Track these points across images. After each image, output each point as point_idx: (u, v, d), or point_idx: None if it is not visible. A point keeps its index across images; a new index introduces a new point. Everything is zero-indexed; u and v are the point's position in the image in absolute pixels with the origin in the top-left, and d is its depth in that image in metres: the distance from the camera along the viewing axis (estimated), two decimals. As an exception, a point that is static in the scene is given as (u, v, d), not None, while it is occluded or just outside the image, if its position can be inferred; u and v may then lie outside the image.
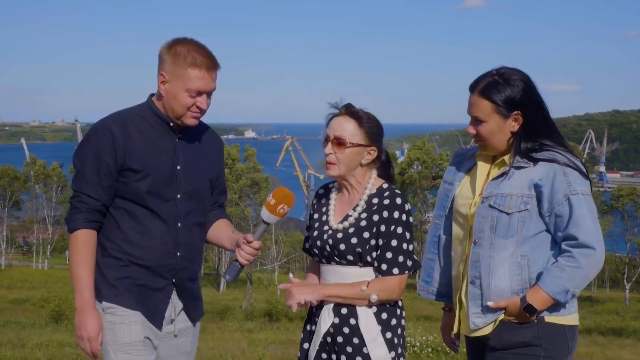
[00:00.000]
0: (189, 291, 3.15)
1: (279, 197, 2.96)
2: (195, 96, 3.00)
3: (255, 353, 12.01)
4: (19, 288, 40.96)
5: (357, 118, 3.10)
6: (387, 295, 3.05)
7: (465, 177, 3.21)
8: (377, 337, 3.04)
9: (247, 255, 3.00)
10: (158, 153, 3.03)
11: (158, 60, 3.03)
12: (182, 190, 3.06)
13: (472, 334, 3.09)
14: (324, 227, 3.16)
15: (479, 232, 3.02)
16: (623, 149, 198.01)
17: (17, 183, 60.06)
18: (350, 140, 3.08)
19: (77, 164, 3.03)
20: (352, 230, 3.08)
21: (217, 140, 3.29)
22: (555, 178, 2.95)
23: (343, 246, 3.06)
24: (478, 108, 3.03)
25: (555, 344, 2.99)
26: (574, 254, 2.91)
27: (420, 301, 34.73)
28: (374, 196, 3.12)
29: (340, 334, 3.06)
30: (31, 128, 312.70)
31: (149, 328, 3.03)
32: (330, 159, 3.10)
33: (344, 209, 3.17)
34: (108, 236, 3.03)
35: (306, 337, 3.20)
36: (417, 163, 56.45)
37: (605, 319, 34.11)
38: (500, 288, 2.99)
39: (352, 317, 3.05)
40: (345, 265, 3.08)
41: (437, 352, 11.89)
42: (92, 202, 2.98)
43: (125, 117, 3.05)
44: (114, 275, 3.01)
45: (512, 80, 3.01)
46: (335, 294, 3.05)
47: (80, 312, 2.96)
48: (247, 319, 28.21)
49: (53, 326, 20.52)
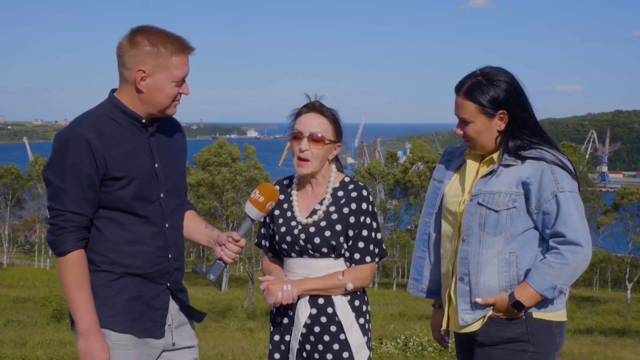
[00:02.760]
0: (182, 293, 3.04)
1: (267, 194, 2.96)
2: (181, 84, 2.88)
3: (257, 352, 12.01)
4: (21, 287, 40.98)
5: (327, 115, 3.21)
6: (361, 283, 3.19)
7: (455, 174, 3.24)
8: (352, 323, 3.16)
9: (232, 254, 2.93)
10: (135, 155, 2.86)
11: (123, 56, 2.82)
12: (164, 188, 2.93)
13: (461, 330, 3.13)
14: (291, 222, 3.22)
15: (468, 230, 3.06)
16: (625, 149, 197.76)
17: (20, 182, 60.11)
18: (327, 137, 3.18)
19: (54, 180, 2.76)
20: (323, 224, 3.17)
21: (180, 128, 3.13)
22: (543, 176, 2.98)
23: (317, 239, 3.15)
24: (464, 109, 3.07)
25: (543, 340, 3.03)
26: (562, 251, 2.95)
27: (422, 301, 34.68)
28: (339, 189, 3.23)
29: (318, 324, 3.16)
30: (34, 127, 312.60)
31: (144, 350, 2.89)
32: (306, 155, 3.17)
33: (308, 203, 3.25)
34: (95, 249, 2.84)
35: (277, 330, 3.26)
36: (419, 163, 56.41)
37: (606, 319, 34.07)
38: (489, 285, 3.03)
39: (329, 306, 3.16)
40: (318, 257, 3.17)
41: (438, 351, 11.89)
42: (79, 219, 2.77)
43: (97, 122, 2.83)
44: (107, 293, 2.84)
45: (496, 81, 3.04)
46: (314, 287, 3.15)
47: (86, 336, 2.77)
48: (249, 318, 28.25)
49: (54, 325, 20.54)
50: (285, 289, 3.12)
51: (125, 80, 2.87)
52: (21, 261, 61.04)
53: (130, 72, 2.83)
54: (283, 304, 3.14)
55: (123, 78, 2.87)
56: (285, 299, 3.12)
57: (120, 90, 2.91)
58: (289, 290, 3.12)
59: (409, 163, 57.76)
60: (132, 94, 2.87)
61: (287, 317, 3.23)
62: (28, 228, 64.77)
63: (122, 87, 2.89)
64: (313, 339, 3.16)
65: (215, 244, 2.99)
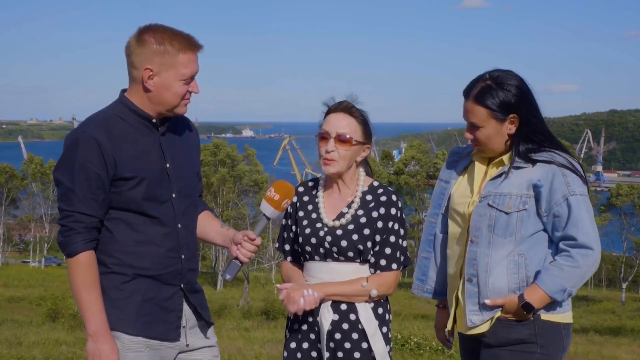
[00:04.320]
0: (196, 293, 2.98)
1: (283, 191, 2.92)
2: (189, 82, 2.84)
3: (252, 351, 11.99)
4: (16, 286, 40.95)
5: (356, 116, 3.14)
6: (385, 290, 3.08)
7: (462, 175, 3.22)
8: (376, 331, 3.06)
9: (248, 253, 2.91)
10: (146, 155, 2.83)
11: (131, 55, 2.80)
12: (176, 188, 2.89)
13: (469, 331, 3.10)
14: (317, 224, 3.13)
15: (476, 231, 3.04)
16: (620, 149, 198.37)
17: (14, 181, 60.03)
18: (355, 138, 3.11)
19: (63, 181, 2.75)
20: (351, 227, 3.08)
21: (193, 128, 3.10)
22: (554, 179, 2.97)
23: (345, 243, 3.06)
24: (473, 114, 3.03)
25: (550, 342, 3.02)
26: (573, 254, 2.94)
27: (417, 300, 34.79)
28: (368, 193, 3.15)
29: (339, 331, 3.05)
30: (28, 126, 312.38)
31: (157, 353, 2.86)
32: (333, 155, 3.09)
33: (336, 205, 3.16)
34: (106, 251, 2.80)
35: (295, 337, 3.16)
36: (413, 162, 56.45)
37: (601, 318, 34.18)
38: (498, 286, 3.01)
39: (352, 312, 3.06)
40: (343, 262, 3.08)
41: (434, 351, 11.89)
42: (89, 220, 2.74)
43: (106, 122, 2.80)
44: (119, 295, 2.80)
45: (506, 85, 3.01)
46: (337, 292, 3.05)
47: (95, 337, 2.72)
48: (244, 317, 28.26)
49: (49, 324, 20.50)
50: (306, 293, 3.01)
51: (134, 79, 2.84)
52: (16, 260, 60.94)
53: (138, 71, 2.81)
54: (306, 309, 3.03)
55: (132, 77, 2.85)
56: (308, 305, 3.01)
57: (130, 90, 2.88)
58: (311, 295, 3.01)
59: (402, 164, 57.81)
60: (141, 94, 2.84)
61: (307, 324, 3.12)
62: (22, 227, 64.72)
63: (132, 86, 2.87)
64: (333, 346, 3.05)
65: (231, 243, 2.96)
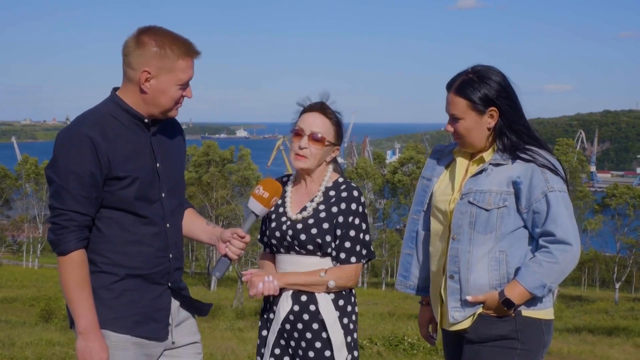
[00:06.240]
0: (182, 291, 3.02)
1: (272, 189, 2.97)
2: (185, 87, 2.86)
3: (246, 352, 12.00)
4: (9, 287, 40.80)
5: (330, 117, 3.24)
6: (344, 282, 3.18)
7: (444, 173, 3.27)
8: (335, 322, 3.16)
9: (237, 251, 2.94)
10: (138, 155, 2.84)
11: (129, 56, 2.79)
12: (165, 188, 2.91)
13: (451, 327, 3.15)
14: (282, 217, 3.25)
15: (458, 228, 3.08)
16: (614, 149, 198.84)
17: (7, 181, 59.86)
18: (328, 139, 3.21)
19: (56, 179, 2.73)
20: (311, 221, 3.18)
21: (180, 129, 3.12)
22: (534, 175, 3.01)
23: (303, 236, 3.16)
24: (454, 106, 3.10)
25: (531, 338, 3.06)
26: (551, 250, 2.98)
27: (411, 300, 34.79)
28: (331, 189, 3.25)
29: (300, 321, 3.17)
30: (22, 127, 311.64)
31: (144, 351, 2.88)
32: (305, 152, 3.20)
33: (301, 200, 3.27)
34: (96, 250, 2.81)
35: (264, 325, 3.29)
36: (411, 163, 56.44)
37: (595, 318, 34.22)
38: (479, 283, 3.05)
39: (312, 303, 3.17)
40: (304, 255, 3.19)
41: (427, 351, 11.90)
42: (81, 219, 2.74)
43: (101, 121, 2.80)
44: (109, 295, 2.81)
45: (487, 78, 3.07)
46: (296, 282, 3.16)
47: (85, 336, 2.75)
48: (238, 317, 28.20)
49: (43, 325, 20.46)
50: (266, 279, 3.13)
51: (129, 79, 2.84)
52: (9, 261, 60.75)
53: (135, 72, 2.80)
54: (265, 294, 3.15)
55: (127, 77, 2.84)
56: (267, 290, 3.13)
57: (124, 89, 2.88)
58: (270, 282, 3.13)
59: (399, 163, 57.81)
60: (136, 94, 2.84)
61: (272, 313, 3.25)
62: (16, 228, 64.47)
63: (126, 86, 2.86)
64: (297, 336, 3.17)
65: (218, 241, 2.99)
